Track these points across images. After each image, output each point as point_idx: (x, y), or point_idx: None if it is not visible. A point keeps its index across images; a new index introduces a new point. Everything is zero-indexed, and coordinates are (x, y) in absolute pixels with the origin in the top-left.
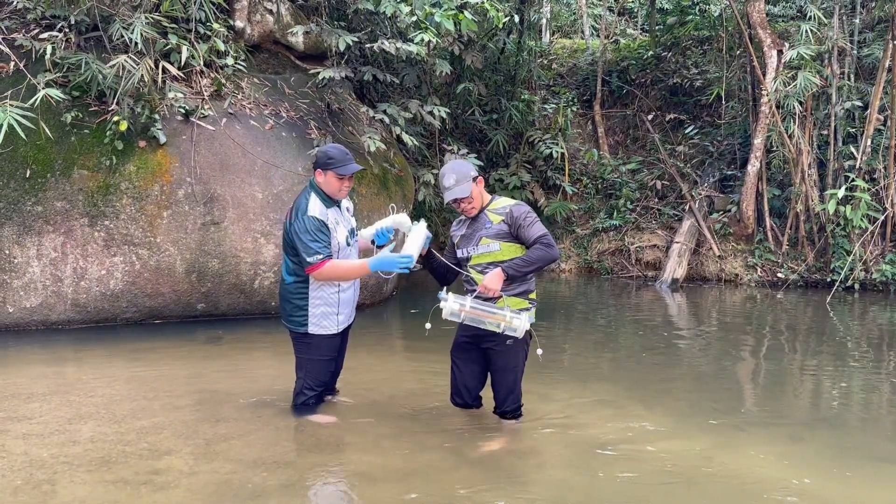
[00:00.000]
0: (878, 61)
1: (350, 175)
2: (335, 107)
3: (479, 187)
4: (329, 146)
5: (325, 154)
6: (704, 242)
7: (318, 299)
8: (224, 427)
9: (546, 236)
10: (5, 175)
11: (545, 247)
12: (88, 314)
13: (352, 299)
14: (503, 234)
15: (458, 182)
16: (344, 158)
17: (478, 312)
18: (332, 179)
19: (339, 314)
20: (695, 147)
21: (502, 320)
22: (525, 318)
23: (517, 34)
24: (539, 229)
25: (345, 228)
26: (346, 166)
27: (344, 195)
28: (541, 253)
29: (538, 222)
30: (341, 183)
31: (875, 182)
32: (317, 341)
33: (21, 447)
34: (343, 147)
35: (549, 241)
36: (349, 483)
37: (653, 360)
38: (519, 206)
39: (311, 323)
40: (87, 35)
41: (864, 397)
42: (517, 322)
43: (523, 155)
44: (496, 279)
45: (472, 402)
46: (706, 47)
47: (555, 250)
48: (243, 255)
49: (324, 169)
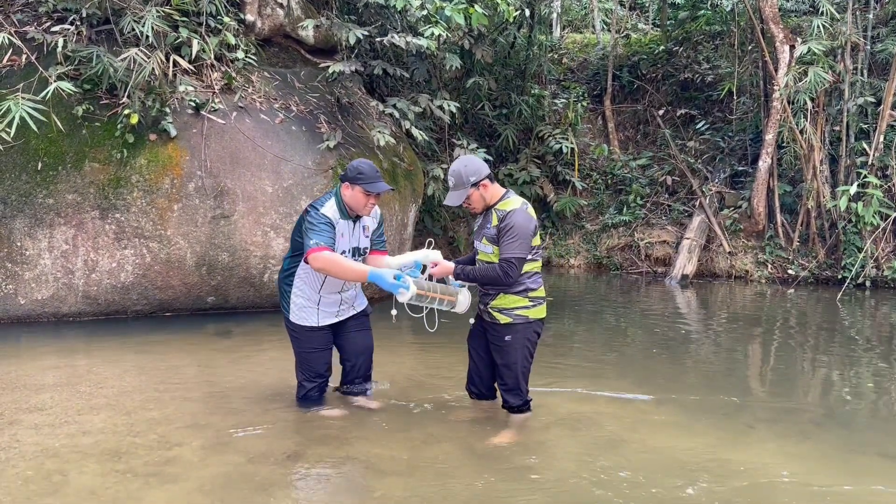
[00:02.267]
0: (891, 57)
1: (377, 193)
2: (345, 101)
3: (480, 191)
4: (361, 161)
5: (355, 168)
6: (715, 239)
7: (299, 291)
8: (233, 419)
9: (510, 261)
10: (17, 167)
11: (501, 272)
12: (99, 306)
13: (337, 301)
14: (495, 238)
15: (454, 188)
16: (374, 176)
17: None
18: (359, 195)
19: (319, 311)
20: (705, 143)
21: (447, 297)
22: (466, 293)
23: (528, 28)
24: (510, 250)
25: (347, 244)
26: (375, 184)
27: (368, 212)
28: (492, 274)
29: (517, 241)
30: (368, 199)
31: (887, 179)
32: (302, 332)
33: (32, 437)
34: (374, 164)
35: (507, 269)
36: (357, 475)
37: (662, 356)
38: (513, 215)
39: (292, 311)
40: (98, 28)
41: (874, 394)
42: (461, 297)
43: (533, 150)
44: (445, 273)
45: (486, 392)
46: (718, 42)
47: (509, 279)
48: (253, 249)
49: (352, 183)
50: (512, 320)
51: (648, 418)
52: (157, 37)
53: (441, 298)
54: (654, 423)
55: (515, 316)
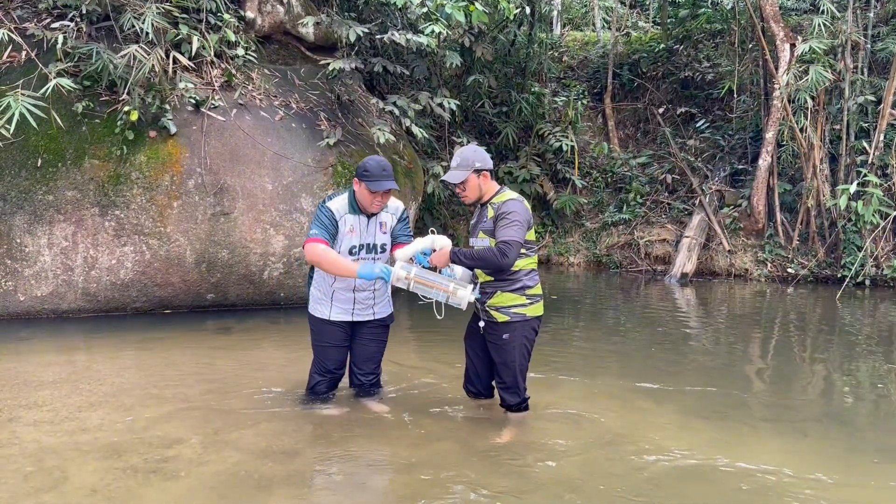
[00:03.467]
0: (892, 55)
1: (383, 192)
2: (345, 98)
3: (479, 180)
4: (370, 158)
5: (363, 165)
6: (714, 237)
7: (317, 283)
8: (233, 417)
9: (508, 243)
10: (17, 164)
11: (499, 252)
12: (98, 303)
13: (351, 298)
14: (491, 231)
15: (458, 166)
16: (380, 174)
17: (423, 281)
18: (364, 192)
19: (332, 306)
20: (706, 141)
21: (446, 290)
22: (469, 289)
23: (528, 26)
24: (507, 233)
25: (358, 240)
26: (379, 182)
27: (376, 209)
28: (489, 255)
29: (514, 226)
30: (373, 197)
31: (887, 178)
32: (316, 324)
33: (32, 434)
34: (385, 162)
35: (506, 250)
36: (356, 473)
37: (661, 354)
38: (509, 203)
39: (310, 303)
40: (98, 25)
41: (873, 393)
42: (461, 292)
43: (533, 148)
44: (443, 259)
45: (483, 391)
46: (718, 41)
47: (507, 260)
48: (253, 246)
49: (359, 180)
50: (510, 318)
51: (648, 416)
52: (157, 33)
53: (440, 290)
54: (653, 421)
55: (513, 314)
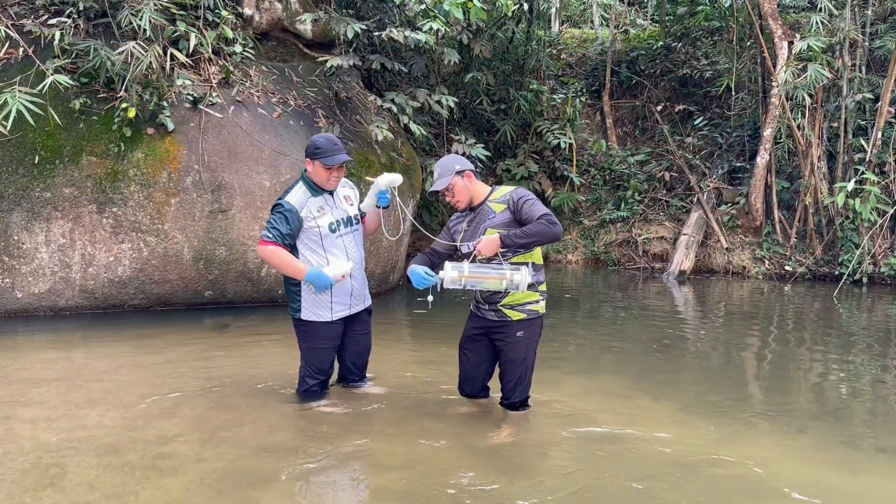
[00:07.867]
0: (889, 53)
1: (339, 165)
2: (343, 95)
3: (465, 181)
4: (319, 135)
5: (313, 143)
6: (712, 234)
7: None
8: (230, 413)
9: (549, 215)
10: (14, 161)
11: (548, 224)
12: (96, 300)
13: (349, 290)
14: (509, 221)
15: (439, 176)
16: (332, 149)
17: (477, 275)
18: (319, 170)
19: (334, 303)
20: (704, 139)
21: (503, 278)
22: (525, 271)
23: (526, 23)
24: (541, 209)
25: (332, 216)
26: (333, 157)
27: (333, 185)
28: (542, 227)
29: (538, 203)
30: (329, 173)
31: (885, 175)
32: (312, 328)
33: (29, 431)
34: (333, 137)
35: (552, 220)
36: (354, 470)
37: (659, 352)
38: (517, 190)
39: (304, 308)
40: (95, 21)
41: (870, 390)
42: (517, 277)
43: (531, 145)
44: (492, 245)
45: (479, 393)
46: (716, 38)
47: (558, 228)
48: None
49: (312, 158)
50: (525, 316)
51: (646, 413)
52: (155, 30)
53: (497, 280)
54: (651, 418)
55: (528, 311)
